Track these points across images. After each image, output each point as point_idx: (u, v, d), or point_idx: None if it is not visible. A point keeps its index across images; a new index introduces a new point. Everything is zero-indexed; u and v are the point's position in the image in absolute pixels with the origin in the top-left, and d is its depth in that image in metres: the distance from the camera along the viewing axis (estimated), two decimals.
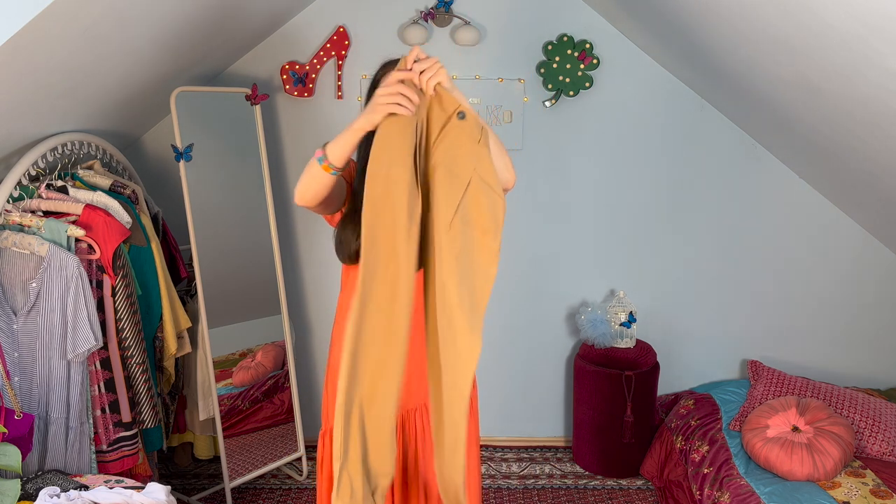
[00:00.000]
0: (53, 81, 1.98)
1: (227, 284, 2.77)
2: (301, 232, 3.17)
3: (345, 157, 1.46)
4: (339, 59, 2.94)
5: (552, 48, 2.93)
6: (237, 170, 2.82)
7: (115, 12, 1.86)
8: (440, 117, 1.39)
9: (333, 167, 1.46)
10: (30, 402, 2.14)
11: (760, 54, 2.22)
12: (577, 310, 3.20)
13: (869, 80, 1.86)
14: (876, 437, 2.59)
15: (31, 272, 2.10)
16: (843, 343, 3.23)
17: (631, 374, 2.91)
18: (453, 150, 1.37)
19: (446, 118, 1.39)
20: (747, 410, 2.80)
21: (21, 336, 2.12)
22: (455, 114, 1.38)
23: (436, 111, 1.39)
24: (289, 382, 2.97)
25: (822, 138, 2.53)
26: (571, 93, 2.98)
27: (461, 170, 1.36)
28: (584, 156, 3.10)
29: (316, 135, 3.05)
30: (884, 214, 2.84)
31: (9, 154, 2.20)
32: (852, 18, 1.61)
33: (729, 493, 2.39)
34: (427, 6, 2.93)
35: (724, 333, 3.25)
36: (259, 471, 2.86)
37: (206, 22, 2.36)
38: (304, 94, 2.94)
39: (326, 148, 1.46)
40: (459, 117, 1.38)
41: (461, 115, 1.38)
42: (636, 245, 3.18)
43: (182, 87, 2.59)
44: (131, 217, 2.35)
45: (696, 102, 3.04)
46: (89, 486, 1.93)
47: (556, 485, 3.03)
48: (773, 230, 3.14)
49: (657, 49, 2.92)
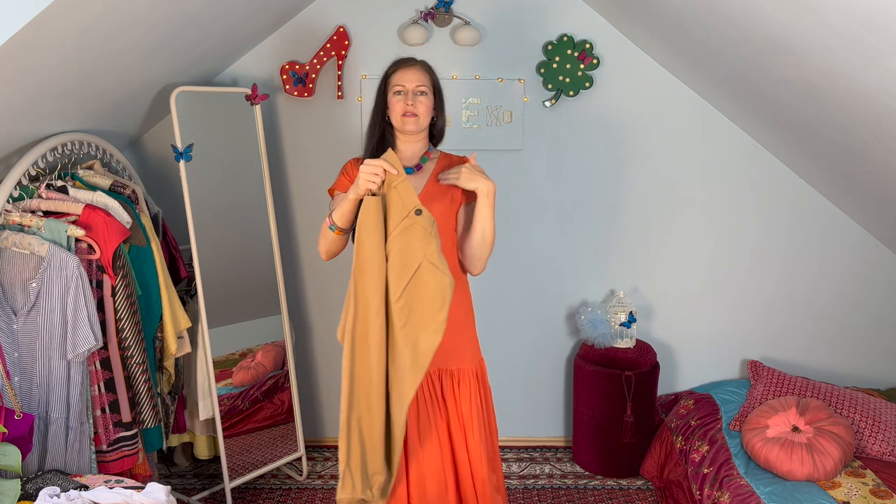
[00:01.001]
0: (53, 81, 1.98)
1: (227, 284, 2.76)
2: (301, 232, 3.17)
3: (348, 222, 1.87)
4: (339, 59, 2.94)
5: (552, 48, 2.93)
6: (237, 170, 2.82)
7: (114, 12, 1.86)
8: (401, 211, 1.74)
9: (342, 230, 1.90)
10: (30, 402, 2.14)
11: (760, 54, 2.22)
12: (577, 310, 3.20)
13: (869, 80, 1.86)
14: (876, 437, 2.59)
15: (31, 272, 2.10)
16: (843, 343, 3.23)
17: (631, 374, 2.91)
18: (409, 240, 1.73)
19: (406, 212, 1.74)
20: (747, 410, 2.80)
21: (21, 336, 2.12)
22: (413, 210, 1.74)
23: (397, 206, 1.75)
24: (289, 382, 2.97)
25: (823, 138, 2.53)
26: (571, 93, 2.98)
27: (412, 256, 1.72)
28: (584, 156, 3.10)
29: (316, 135, 3.05)
30: (884, 214, 2.84)
31: (9, 154, 2.20)
32: (852, 18, 1.61)
33: (729, 493, 2.39)
34: (427, 6, 2.93)
35: (724, 333, 3.25)
36: (259, 471, 2.86)
37: (206, 22, 2.36)
38: (304, 94, 2.94)
39: (333, 217, 1.89)
40: (417, 213, 1.74)
41: (418, 212, 1.74)
42: (636, 245, 3.18)
43: (182, 87, 2.59)
44: (131, 217, 2.35)
45: (696, 102, 3.04)
46: (89, 486, 1.93)
47: (556, 485, 3.03)
48: (773, 230, 3.14)
49: (657, 49, 2.92)
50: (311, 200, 3.11)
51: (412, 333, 1.72)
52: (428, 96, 1.99)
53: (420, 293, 1.72)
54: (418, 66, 2.01)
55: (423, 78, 1.99)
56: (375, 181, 1.75)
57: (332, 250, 1.98)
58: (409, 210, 1.73)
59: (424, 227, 1.73)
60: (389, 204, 1.76)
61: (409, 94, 1.96)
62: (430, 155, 2.06)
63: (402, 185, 1.75)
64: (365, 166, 1.76)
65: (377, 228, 1.74)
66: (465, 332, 2.05)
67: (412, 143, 2.03)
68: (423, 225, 1.73)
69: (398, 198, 1.75)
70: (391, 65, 2.04)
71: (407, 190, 1.75)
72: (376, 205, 1.74)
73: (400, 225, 1.73)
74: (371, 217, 1.74)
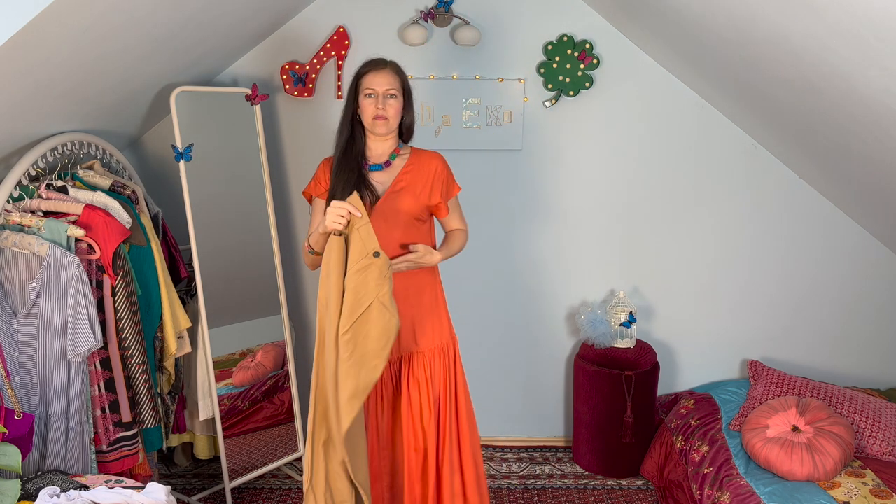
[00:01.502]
0: (53, 81, 1.98)
1: (227, 284, 2.76)
2: (301, 232, 3.17)
3: (321, 246, 1.99)
4: (339, 59, 2.94)
5: (552, 48, 2.93)
6: (237, 170, 2.82)
7: (114, 12, 1.86)
8: (361, 252, 1.86)
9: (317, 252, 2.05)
10: (30, 402, 2.14)
11: (760, 54, 2.22)
12: (577, 310, 3.20)
13: (869, 80, 1.86)
14: (876, 437, 2.59)
15: (31, 272, 2.10)
16: (843, 343, 3.23)
17: (631, 374, 2.91)
18: (364, 279, 1.85)
19: (366, 253, 1.85)
20: (747, 410, 2.80)
21: (21, 336, 2.12)
22: (372, 252, 1.85)
23: (358, 246, 1.86)
24: (289, 382, 2.97)
25: (822, 138, 2.53)
26: (571, 93, 2.98)
27: (366, 295, 1.84)
28: (584, 156, 3.10)
29: (316, 135, 3.05)
30: (884, 214, 2.84)
31: (9, 154, 2.20)
32: (852, 18, 1.61)
33: (729, 493, 2.39)
34: (427, 6, 2.93)
35: (724, 333, 3.25)
36: (259, 471, 2.86)
37: (206, 22, 2.36)
38: (304, 94, 2.94)
39: (310, 242, 2.07)
40: (375, 255, 1.85)
41: (376, 254, 1.86)
42: (636, 245, 3.18)
43: (182, 87, 2.59)
44: (131, 217, 2.35)
45: (696, 102, 3.04)
46: (89, 486, 1.93)
47: (556, 485, 3.03)
48: (773, 230, 3.14)
49: (657, 49, 2.92)
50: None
51: (354, 368, 1.84)
52: (398, 99, 2.09)
53: (367, 330, 1.84)
54: (388, 68, 2.10)
55: (393, 81, 2.08)
56: (341, 222, 1.87)
57: (316, 264, 2.10)
58: (368, 252, 1.86)
59: (381, 269, 1.86)
60: (351, 243, 1.88)
61: (379, 97, 2.06)
62: (399, 152, 2.17)
63: (364, 227, 1.87)
64: (331, 209, 1.88)
65: (338, 265, 1.87)
66: (430, 317, 2.18)
67: (382, 142, 2.15)
68: (379, 267, 1.86)
69: (359, 239, 1.87)
70: (362, 65, 2.14)
71: (368, 233, 1.87)
72: (339, 244, 1.88)
73: (358, 264, 1.85)
74: (333, 255, 1.87)
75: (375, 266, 1.85)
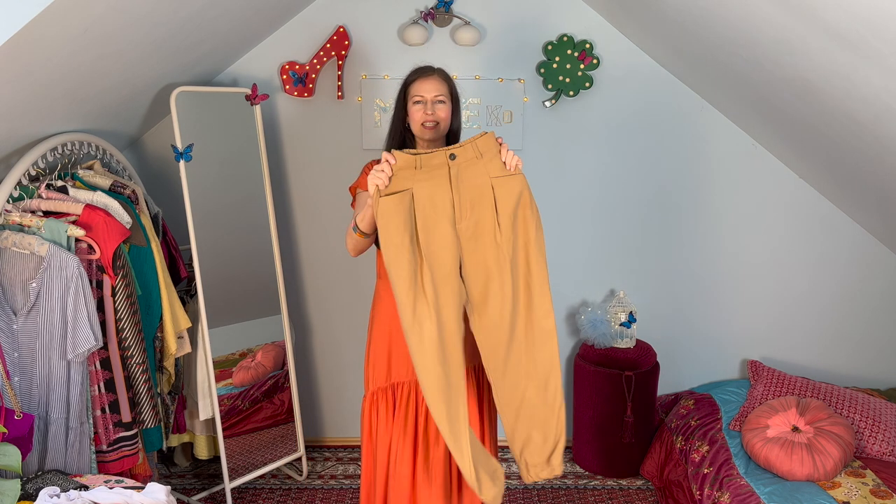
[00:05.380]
0: (53, 81, 1.98)
1: (227, 284, 2.77)
2: (301, 232, 3.17)
3: (370, 226, 1.95)
4: (339, 59, 2.94)
5: (552, 48, 2.93)
6: (237, 170, 2.82)
7: (114, 12, 1.86)
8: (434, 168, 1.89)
9: (365, 234, 2.00)
10: (30, 402, 2.14)
11: (760, 54, 2.22)
12: (577, 310, 3.20)
13: (869, 80, 1.86)
14: (876, 437, 2.59)
15: (31, 272, 2.10)
16: (843, 343, 3.24)
17: (631, 374, 2.91)
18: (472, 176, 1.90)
19: (441, 161, 1.89)
20: (747, 410, 2.80)
21: (21, 336, 2.12)
22: (448, 156, 1.89)
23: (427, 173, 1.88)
24: (289, 382, 2.97)
25: (823, 138, 2.53)
26: (571, 93, 2.98)
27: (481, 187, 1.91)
28: (584, 156, 3.10)
29: (316, 135, 3.05)
30: (884, 214, 2.84)
31: (9, 154, 2.20)
32: (852, 18, 1.61)
33: (729, 493, 2.39)
34: (427, 6, 2.93)
35: (724, 333, 3.25)
36: (259, 471, 2.86)
37: (206, 22, 2.36)
38: (304, 94, 2.94)
39: (357, 221, 1.99)
40: (451, 158, 1.89)
41: (452, 157, 1.89)
42: (636, 245, 3.18)
43: (182, 87, 2.59)
44: (131, 217, 2.35)
45: (696, 102, 3.04)
46: (89, 486, 1.93)
47: (556, 485, 3.03)
48: (772, 230, 3.14)
49: (657, 49, 2.92)
50: (310, 200, 3.11)
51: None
52: (446, 104, 2.09)
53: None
54: (436, 75, 2.10)
55: (441, 87, 2.08)
56: (382, 178, 1.83)
57: (358, 248, 2.08)
58: (443, 158, 1.87)
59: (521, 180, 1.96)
60: (415, 179, 1.85)
61: (428, 103, 2.06)
62: None
63: (420, 158, 1.86)
64: (372, 172, 1.86)
65: (401, 227, 1.83)
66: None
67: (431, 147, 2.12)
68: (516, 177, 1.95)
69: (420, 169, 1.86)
70: (410, 73, 2.13)
71: (428, 156, 1.87)
72: (395, 204, 1.83)
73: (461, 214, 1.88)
74: (392, 217, 1.82)
75: (508, 181, 1.92)
